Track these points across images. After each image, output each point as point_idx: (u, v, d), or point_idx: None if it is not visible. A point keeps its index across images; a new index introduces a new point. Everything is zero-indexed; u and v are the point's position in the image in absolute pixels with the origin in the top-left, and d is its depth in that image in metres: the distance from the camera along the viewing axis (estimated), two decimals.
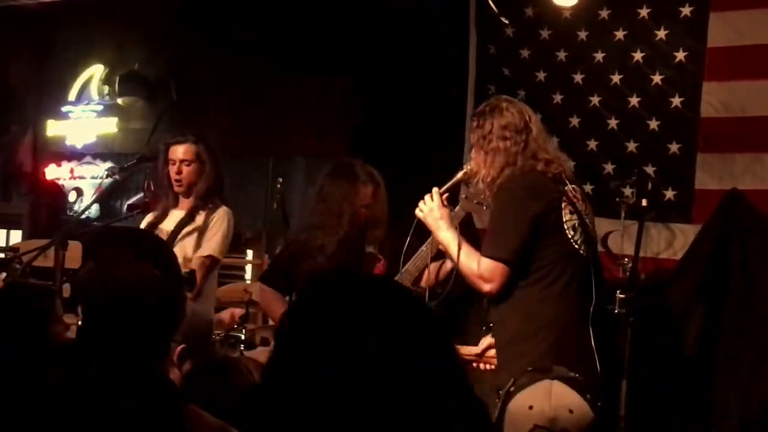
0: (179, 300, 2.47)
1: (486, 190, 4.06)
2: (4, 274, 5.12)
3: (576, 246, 3.97)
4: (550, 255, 3.91)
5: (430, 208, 4.11)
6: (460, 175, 4.21)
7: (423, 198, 4.18)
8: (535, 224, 3.89)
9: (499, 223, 3.93)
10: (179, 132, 5.64)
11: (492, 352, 4.22)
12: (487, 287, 3.90)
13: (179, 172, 5.37)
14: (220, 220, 5.31)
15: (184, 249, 5.19)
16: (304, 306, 1.39)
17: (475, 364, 4.31)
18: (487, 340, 4.30)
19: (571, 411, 2.02)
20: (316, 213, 5.14)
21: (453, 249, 3.98)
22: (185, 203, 5.43)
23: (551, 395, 2.02)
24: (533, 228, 3.89)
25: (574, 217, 3.97)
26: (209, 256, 5.25)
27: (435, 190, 4.16)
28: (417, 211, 4.17)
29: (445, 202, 4.14)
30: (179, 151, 5.40)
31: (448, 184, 4.21)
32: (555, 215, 3.93)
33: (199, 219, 5.32)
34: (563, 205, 3.97)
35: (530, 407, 2.03)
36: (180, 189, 5.40)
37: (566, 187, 4.04)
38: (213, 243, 5.30)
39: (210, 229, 5.29)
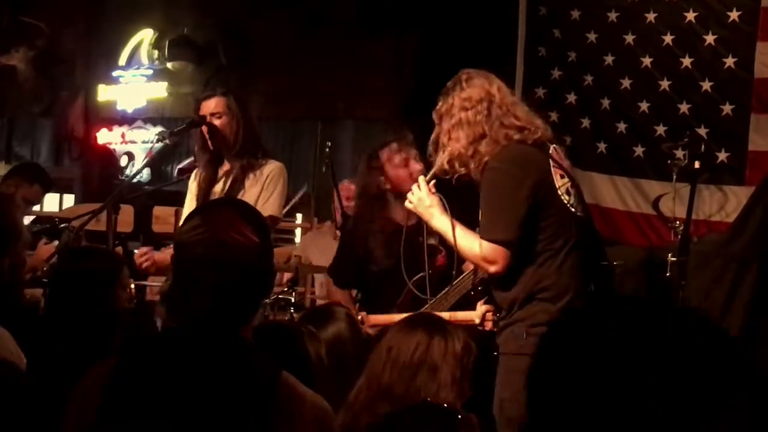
0: (273, 268, 2.44)
1: (458, 169, 3.85)
2: (56, 242, 5.15)
3: (573, 209, 3.90)
4: (551, 225, 3.84)
5: (419, 198, 3.96)
6: (439, 161, 4.06)
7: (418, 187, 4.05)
8: (530, 198, 3.80)
9: (494, 204, 3.81)
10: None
11: (490, 315, 4.18)
12: (492, 269, 3.83)
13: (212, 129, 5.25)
14: (275, 177, 5.19)
15: None
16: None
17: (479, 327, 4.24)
18: (484, 307, 4.25)
19: None
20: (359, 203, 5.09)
21: (449, 235, 3.92)
22: (230, 160, 5.32)
23: None
24: (529, 202, 3.80)
25: (565, 179, 3.88)
26: (270, 216, 5.07)
27: (421, 178, 4.00)
28: (407, 203, 4.02)
29: (433, 189, 4.05)
30: (210, 105, 5.27)
31: (432, 171, 3.98)
32: (547, 184, 3.85)
33: (253, 177, 5.22)
34: (553, 170, 3.89)
35: None
36: (215, 147, 5.27)
37: (550, 150, 3.96)
38: (272, 202, 5.19)
39: (266, 188, 5.19)
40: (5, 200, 3.55)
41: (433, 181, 4.01)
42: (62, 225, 5.48)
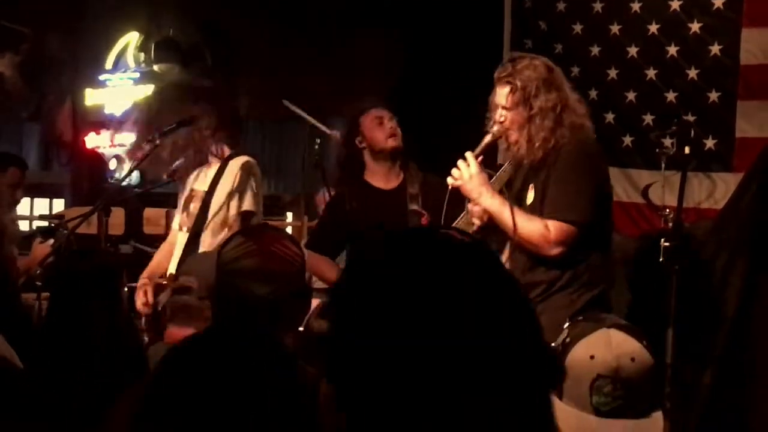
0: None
1: (530, 153, 3.89)
2: (51, 240, 5.14)
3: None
4: (608, 216, 3.91)
5: (470, 175, 3.87)
6: (489, 138, 3.97)
7: (456, 165, 4.00)
8: (601, 187, 3.86)
9: (572, 186, 3.77)
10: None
11: None
12: (555, 250, 3.78)
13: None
14: (243, 173, 5.22)
15: (216, 205, 5.06)
16: (364, 265, 1.33)
17: None
18: None
19: (633, 359, 2.01)
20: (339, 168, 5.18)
21: (505, 215, 3.80)
22: (212, 161, 5.34)
23: (611, 344, 2.01)
24: (600, 191, 3.86)
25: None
26: (245, 212, 5.13)
27: (469, 154, 3.93)
28: (450, 180, 3.94)
29: (481, 167, 4.01)
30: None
31: (480, 148, 3.98)
32: (609, 177, 3.94)
33: (227, 175, 5.22)
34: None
35: (591, 357, 2.03)
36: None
37: None
38: (245, 199, 5.21)
39: (238, 185, 5.21)
40: None
41: (480, 158, 3.98)
42: (56, 224, 5.49)
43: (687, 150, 4.95)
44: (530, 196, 3.97)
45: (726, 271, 5.91)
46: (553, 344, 2.10)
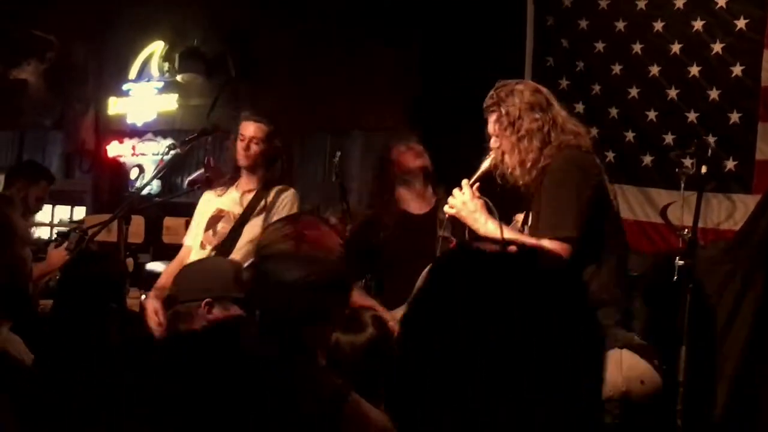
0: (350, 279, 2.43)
1: (523, 176, 3.95)
2: (66, 243, 5.16)
3: (618, 211, 3.99)
4: (606, 230, 3.90)
5: (462, 202, 3.97)
6: (486, 165, 4.05)
7: (452, 193, 4.08)
8: (592, 200, 3.86)
9: (560, 203, 3.80)
10: (256, 110, 5.48)
11: None
12: None
13: (247, 149, 5.31)
14: (289, 203, 5.27)
15: (253, 230, 5.11)
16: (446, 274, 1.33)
17: None
18: None
19: (642, 382, 2.00)
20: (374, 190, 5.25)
21: (503, 237, 3.90)
22: (249, 183, 5.38)
23: (622, 366, 2.00)
24: (591, 203, 3.86)
25: (610, 185, 3.99)
26: None
27: (465, 182, 4.02)
28: (447, 208, 4.03)
29: (477, 193, 4.06)
30: (250, 129, 5.34)
31: (477, 175, 4.06)
32: (603, 188, 3.92)
33: (268, 199, 5.28)
34: (604, 176, 3.97)
35: None
36: (243, 164, 5.35)
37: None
38: None
39: (279, 212, 5.24)
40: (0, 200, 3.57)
41: (476, 185, 4.03)
42: (72, 228, 5.51)
43: (704, 169, 4.94)
44: (530, 220, 4.03)
45: (742, 290, 5.89)
46: None
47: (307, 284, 2.24)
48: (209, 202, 5.40)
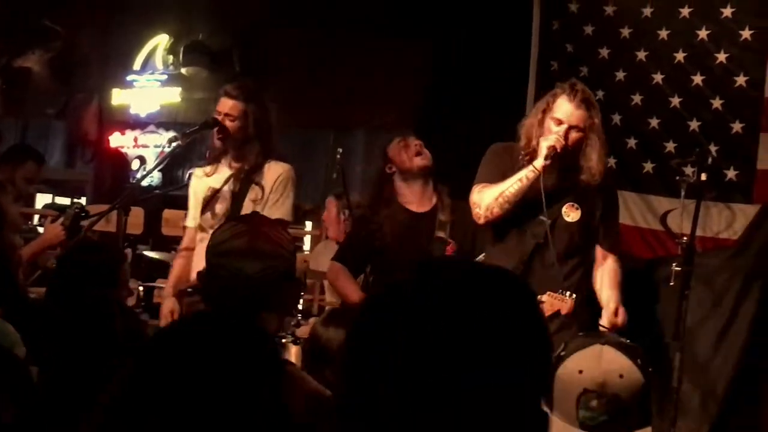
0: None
1: (593, 176, 4.47)
2: (62, 218, 5.03)
3: None
4: None
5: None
6: (551, 150, 4.43)
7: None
8: None
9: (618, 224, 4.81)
10: (238, 83, 5.30)
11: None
12: None
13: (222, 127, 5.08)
14: (284, 181, 5.10)
15: (252, 209, 4.91)
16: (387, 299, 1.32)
17: None
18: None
19: (621, 376, 2.02)
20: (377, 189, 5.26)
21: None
22: (238, 160, 5.19)
23: (601, 360, 2.03)
24: None
25: None
26: (279, 220, 4.92)
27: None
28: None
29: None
30: (227, 105, 5.18)
31: (546, 156, 4.42)
32: None
33: (261, 176, 5.11)
34: None
35: (580, 371, 2.04)
36: (218, 140, 5.18)
37: None
38: (280, 206, 5.09)
39: (275, 190, 5.09)
40: None
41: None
42: (70, 205, 5.44)
43: (704, 177, 4.95)
44: (573, 215, 4.54)
45: (739, 298, 5.91)
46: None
47: (262, 278, 2.37)
48: (201, 181, 5.25)
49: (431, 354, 1.22)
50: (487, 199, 4.47)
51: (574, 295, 4.30)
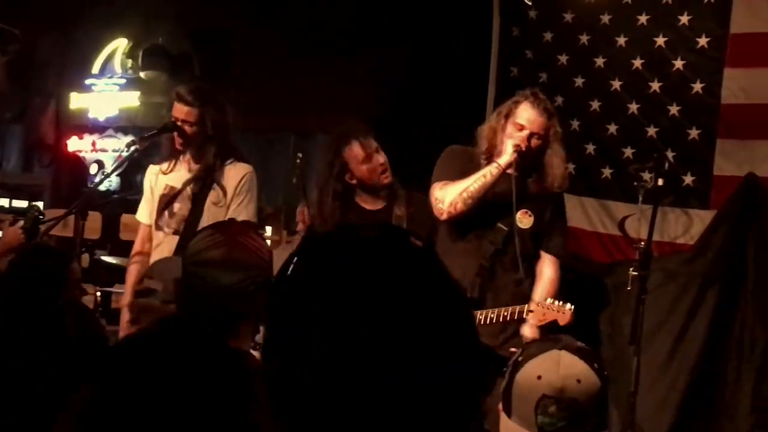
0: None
1: (553, 183, 4.66)
2: (21, 222, 4.96)
3: None
4: None
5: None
6: (513, 157, 4.57)
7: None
8: None
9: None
10: (190, 87, 5.22)
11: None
12: None
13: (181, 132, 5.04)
14: (248, 182, 5.05)
15: (213, 211, 4.95)
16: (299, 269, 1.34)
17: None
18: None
19: (579, 381, 2.03)
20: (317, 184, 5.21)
21: None
22: (196, 160, 5.14)
23: (560, 365, 2.04)
24: None
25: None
26: (246, 222, 4.83)
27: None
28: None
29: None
30: (182, 111, 5.07)
31: (507, 160, 4.56)
32: None
33: (221, 176, 5.04)
34: None
35: (539, 377, 2.05)
36: (178, 145, 5.14)
37: None
38: (244, 207, 5.03)
39: (239, 193, 5.04)
40: None
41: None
42: (29, 208, 5.37)
43: (661, 182, 5.00)
44: (525, 221, 4.65)
45: (695, 304, 5.96)
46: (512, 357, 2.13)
47: (240, 289, 2.34)
48: (158, 178, 5.19)
49: (343, 324, 1.23)
50: (451, 194, 4.51)
51: (572, 306, 4.30)
